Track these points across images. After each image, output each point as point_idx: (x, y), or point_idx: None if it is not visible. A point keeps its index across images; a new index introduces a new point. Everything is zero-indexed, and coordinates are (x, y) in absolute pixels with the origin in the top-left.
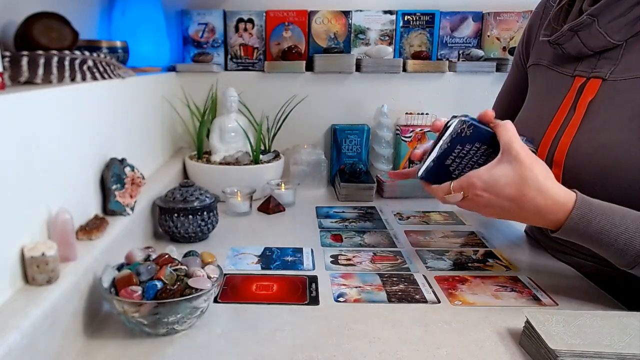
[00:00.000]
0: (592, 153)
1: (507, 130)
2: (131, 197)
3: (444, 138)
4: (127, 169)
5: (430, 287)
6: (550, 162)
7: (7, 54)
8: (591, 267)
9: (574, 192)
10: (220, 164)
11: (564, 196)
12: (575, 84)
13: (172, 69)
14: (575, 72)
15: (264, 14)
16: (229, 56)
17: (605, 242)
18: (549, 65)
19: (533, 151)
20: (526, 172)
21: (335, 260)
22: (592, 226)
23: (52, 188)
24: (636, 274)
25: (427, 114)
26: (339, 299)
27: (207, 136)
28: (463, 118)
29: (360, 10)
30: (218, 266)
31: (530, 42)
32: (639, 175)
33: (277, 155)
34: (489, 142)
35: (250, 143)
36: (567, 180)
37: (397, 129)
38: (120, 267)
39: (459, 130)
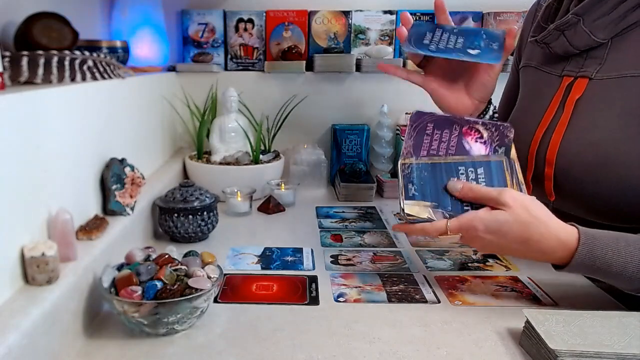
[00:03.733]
0: (582, 151)
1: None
2: (131, 197)
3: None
4: (127, 169)
5: (430, 287)
6: (542, 161)
7: (7, 54)
8: None
9: (575, 226)
10: (220, 164)
11: (567, 234)
12: (563, 83)
13: (172, 69)
14: (563, 72)
15: (264, 14)
16: (229, 56)
17: (613, 272)
18: (537, 66)
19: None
20: (527, 218)
21: (335, 260)
22: (599, 260)
23: (52, 188)
24: None
25: None
26: (339, 299)
27: (207, 136)
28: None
29: (360, 10)
30: (218, 266)
31: (522, 44)
32: (629, 171)
33: (277, 155)
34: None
35: (250, 143)
36: (558, 178)
37: (397, 129)
38: (120, 267)
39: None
